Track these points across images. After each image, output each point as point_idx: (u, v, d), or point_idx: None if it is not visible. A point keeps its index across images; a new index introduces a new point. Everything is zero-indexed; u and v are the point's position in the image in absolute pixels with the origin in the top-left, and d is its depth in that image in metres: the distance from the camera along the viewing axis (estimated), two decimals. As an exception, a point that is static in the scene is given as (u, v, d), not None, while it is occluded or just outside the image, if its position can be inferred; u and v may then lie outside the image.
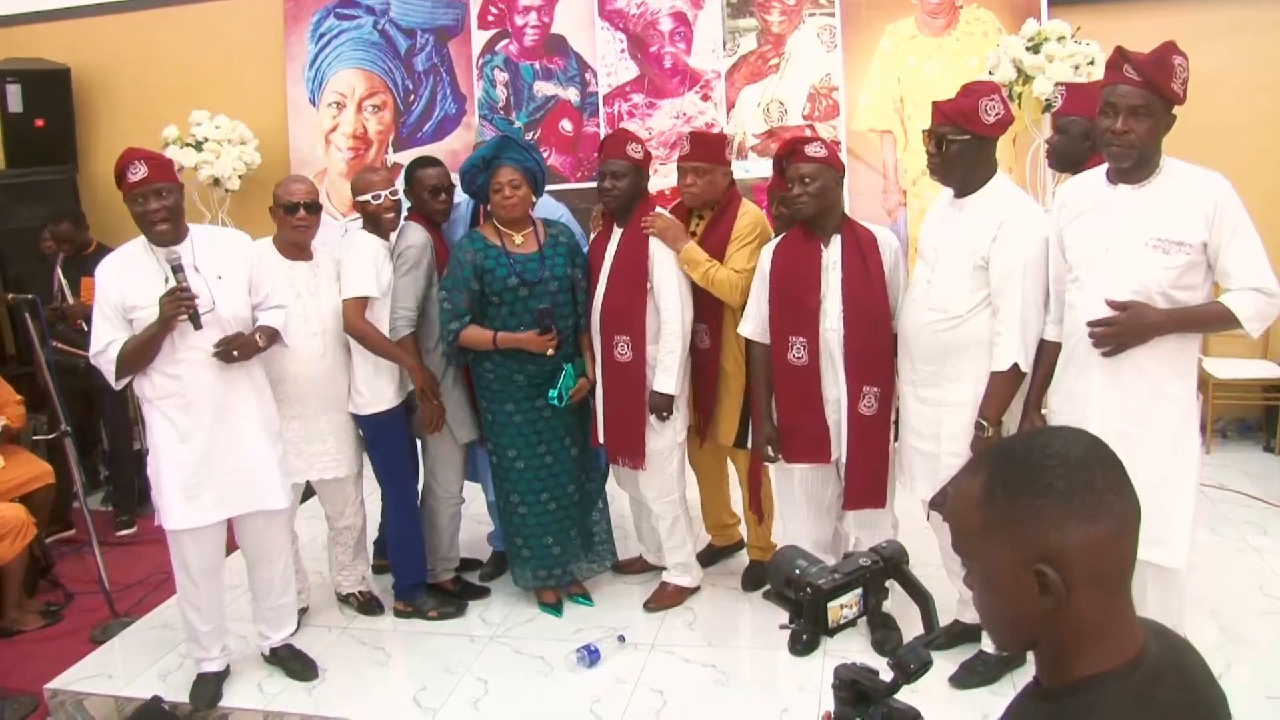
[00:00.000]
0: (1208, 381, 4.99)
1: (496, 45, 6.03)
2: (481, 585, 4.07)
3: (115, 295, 3.08)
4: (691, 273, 3.51)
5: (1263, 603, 3.59)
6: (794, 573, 1.46)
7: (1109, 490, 1.05)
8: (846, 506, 3.35)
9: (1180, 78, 2.51)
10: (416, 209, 3.78)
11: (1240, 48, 5.08)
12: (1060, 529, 1.03)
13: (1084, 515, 1.03)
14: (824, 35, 5.53)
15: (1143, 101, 2.52)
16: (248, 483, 3.23)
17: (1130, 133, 2.54)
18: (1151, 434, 2.62)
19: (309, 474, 3.64)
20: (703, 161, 3.55)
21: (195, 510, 3.18)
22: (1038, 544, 1.04)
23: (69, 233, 5.14)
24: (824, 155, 3.23)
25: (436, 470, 3.84)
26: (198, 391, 3.13)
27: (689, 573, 3.83)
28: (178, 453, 3.16)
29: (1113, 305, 2.59)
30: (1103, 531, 1.04)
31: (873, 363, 3.22)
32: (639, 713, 3.16)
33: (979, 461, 1.13)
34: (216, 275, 3.16)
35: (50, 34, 6.69)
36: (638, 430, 3.58)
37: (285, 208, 3.51)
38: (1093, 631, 1.06)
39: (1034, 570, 1.04)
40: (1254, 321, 2.56)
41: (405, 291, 3.61)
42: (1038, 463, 1.06)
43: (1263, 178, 4.86)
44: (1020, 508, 1.05)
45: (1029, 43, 4.85)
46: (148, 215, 3.06)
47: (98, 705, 3.47)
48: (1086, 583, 1.04)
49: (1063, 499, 1.03)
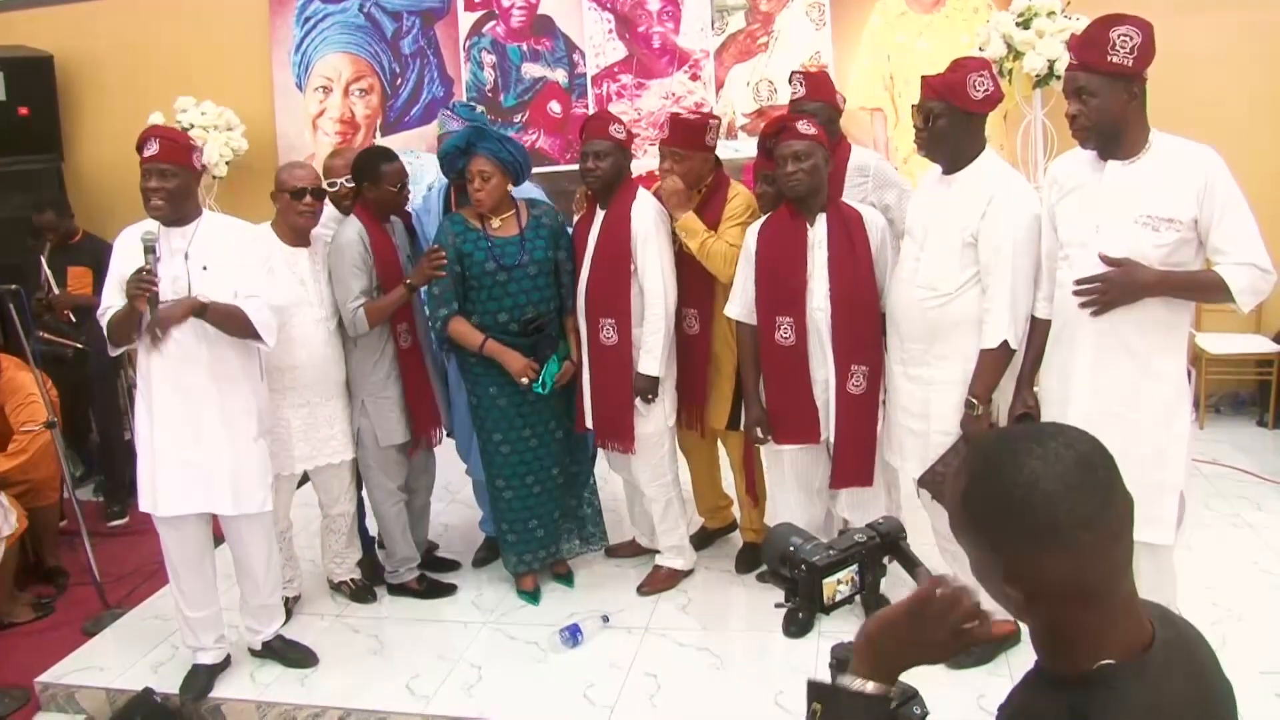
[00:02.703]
0: (1201, 356, 4.98)
1: (483, 27, 5.98)
2: (448, 583, 4.01)
3: (120, 263, 3.09)
4: (689, 241, 3.48)
5: (1257, 578, 3.59)
6: (789, 550, 1.42)
7: (1076, 527, 1.02)
8: (834, 485, 3.34)
9: (1123, 49, 2.45)
10: (372, 199, 3.65)
11: (1232, 21, 5.06)
12: (1022, 559, 1.04)
13: (1045, 551, 1.02)
14: (813, 13, 5.49)
15: (1083, 82, 2.51)
16: (203, 481, 3.18)
17: (1079, 115, 2.54)
18: (1142, 412, 2.60)
19: (317, 459, 3.64)
20: (680, 147, 3.52)
21: (161, 498, 3.17)
22: (1002, 564, 1.05)
23: (53, 222, 5.10)
24: (814, 133, 3.20)
25: (368, 474, 3.83)
26: (160, 381, 3.12)
27: (682, 555, 3.82)
28: (148, 437, 3.17)
29: (1106, 261, 2.57)
30: (1068, 564, 1.02)
31: (860, 341, 3.21)
32: (633, 697, 3.15)
33: (964, 461, 1.13)
34: (202, 265, 3.11)
35: (33, 21, 6.63)
36: (626, 414, 3.56)
37: (292, 193, 3.47)
38: (1083, 631, 1.05)
39: (999, 585, 1.06)
40: (1246, 294, 2.52)
41: (357, 286, 3.55)
42: (1006, 489, 1.04)
43: (1256, 151, 4.85)
44: (986, 530, 1.06)
45: (1019, 18, 4.82)
46: (146, 192, 3.05)
47: (89, 697, 3.45)
48: (1064, 599, 1.04)
49: (1025, 535, 1.03)
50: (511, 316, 3.54)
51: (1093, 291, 2.59)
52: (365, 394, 3.69)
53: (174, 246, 3.09)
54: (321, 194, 3.56)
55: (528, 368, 3.50)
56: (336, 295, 3.58)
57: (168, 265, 3.06)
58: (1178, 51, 2.57)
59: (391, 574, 3.95)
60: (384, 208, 3.68)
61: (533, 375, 3.51)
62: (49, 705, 3.47)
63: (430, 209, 3.95)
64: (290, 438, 3.55)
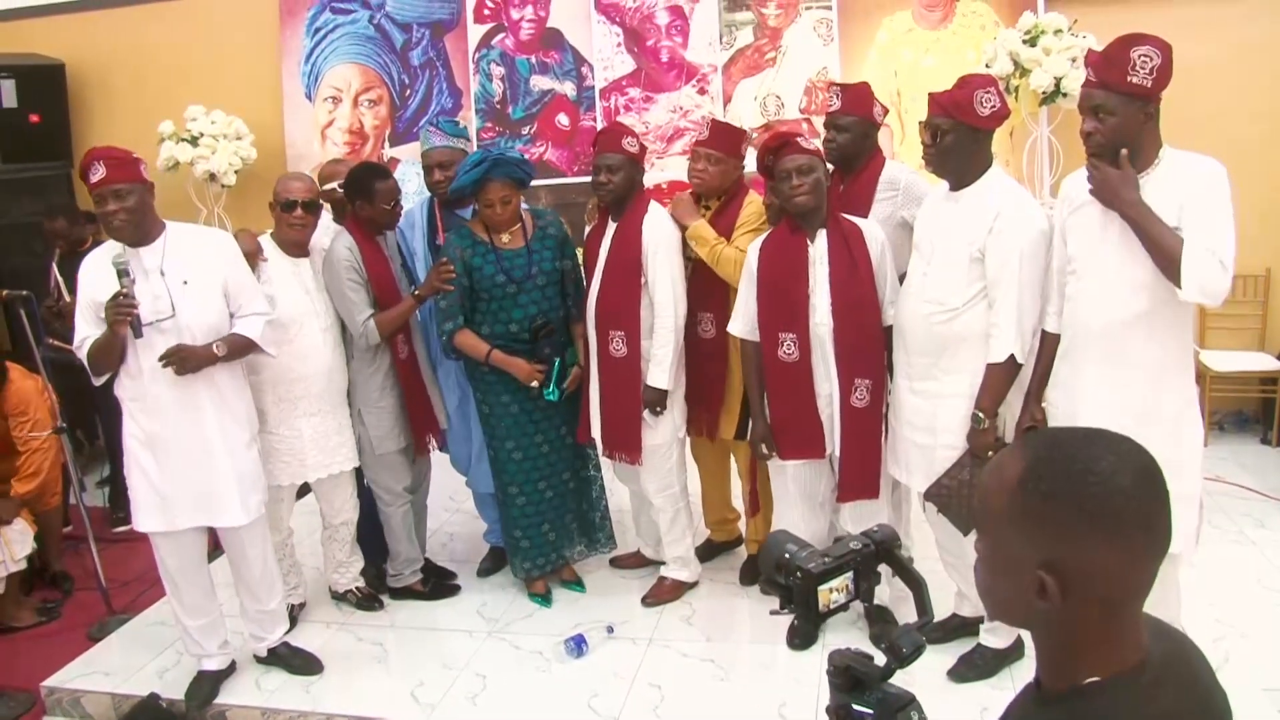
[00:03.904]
0: (1205, 374, 4.99)
1: (492, 39, 6.01)
2: (451, 584, 4.06)
3: (90, 292, 3.03)
4: (699, 249, 3.51)
5: (1260, 595, 3.59)
6: (784, 557, 1.44)
7: (1137, 526, 1.03)
8: (841, 498, 3.34)
9: (1142, 70, 2.45)
10: (365, 216, 3.66)
11: (1237, 38, 5.08)
12: (1075, 545, 1.02)
13: (1103, 540, 1.02)
14: (820, 28, 5.52)
15: (1101, 100, 2.51)
16: (205, 496, 3.18)
17: (1095, 133, 2.54)
18: (1152, 425, 2.59)
19: (330, 468, 3.65)
20: (719, 150, 3.55)
21: (160, 515, 3.16)
22: (1049, 549, 1.03)
23: (64, 229, 5.12)
24: (815, 148, 3.26)
25: (375, 476, 3.86)
26: (155, 400, 3.09)
27: (688, 567, 3.83)
28: (142, 457, 3.15)
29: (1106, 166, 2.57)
30: (1116, 560, 1.03)
31: (863, 355, 3.22)
32: (637, 707, 3.16)
33: (1027, 443, 1.10)
34: (182, 280, 3.07)
35: (45, 29, 6.67)
36: (634, 425, 3.57)
37: (283, 205, 3.48)
38: (1093, 640, 1.05)
39: (1036, 573, 1.04)
40: (1193, 279, 2.45)
41: (360, 299, 3.58)
42: (1080, 475, 1.03)
43: (1259, 168, 4.87)
44: (1046, 509, 1.04)
45: (1026, 36, 4.85)
46: (105, 217, 3.01)
47: (94, 702, 3.46)
48: (1089, 600, 1.03)
49: (1088, 520, 1.02)
50: (522, 327, 3.58)
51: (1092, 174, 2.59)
52: (362, 403, 3.72)
53: (147, 265, 3.04)
54: (312, 207, 3.54)
55: (534, 372, 3.54)
56: (339, 310, 3.61)
57: (145, 285, 3.01)
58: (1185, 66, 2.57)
59: (394, 576, 3.96)
60: (376, 224, 3.70)
61: (539, 378, 3.54)
62: (54, 710, 3.48)
63: (414, 223, 3.95)
64: (304, 447, 3.56)
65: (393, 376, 3.75)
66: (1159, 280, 2.54)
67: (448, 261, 3.51)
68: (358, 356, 3.68)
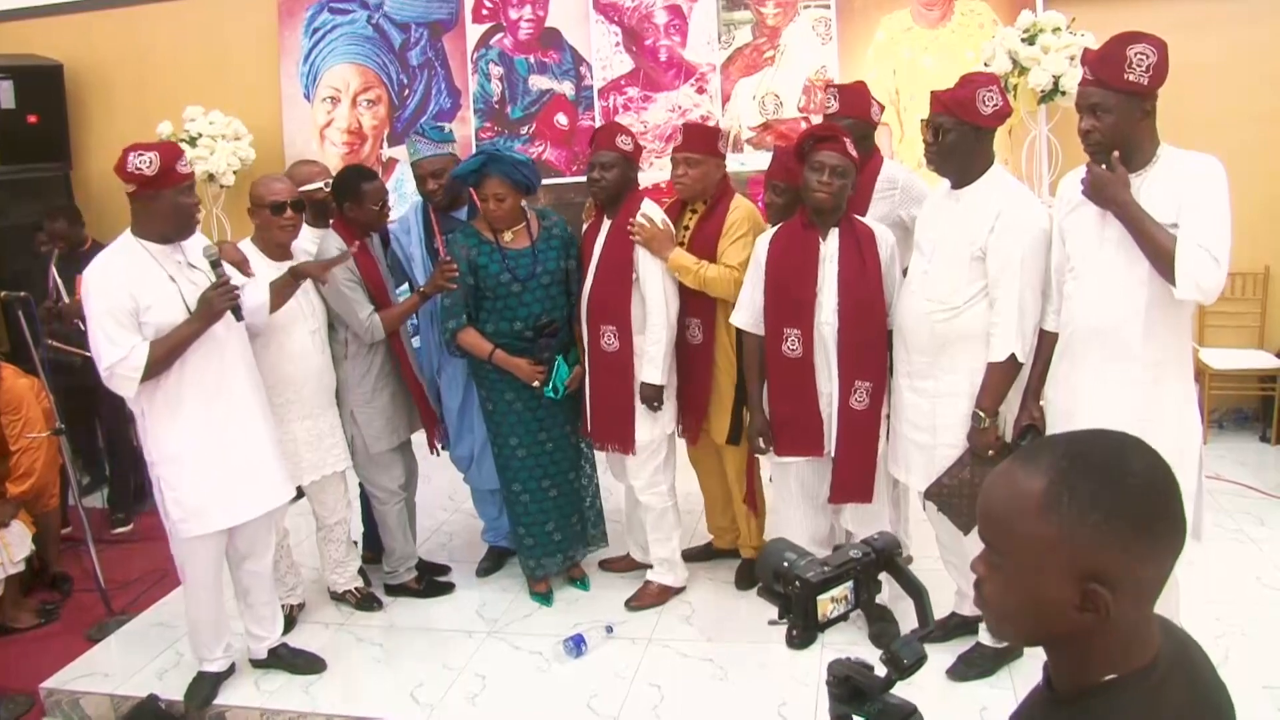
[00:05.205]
0: (1204, 372, 4.98)
1: (491, 39, 6.01)
2: (446, 581, 4.08)
3: (126, 299, 2.91)
4: (683, 279, 3.51)
5: (1260, 593, 3.59)
6: (782, 566, 1.40)
7: (1173, 522, 1.02)
8: (833, 500, 3.34)
9: (1139, 67, 2.46)
10: (353, 217, 3.68)
11: (1236, 38, 5.07)
12: (1123, 550, 0.99)
13: (1148, 542, 1.00)
14: (819, 27, 5.51)
15: (1098, 99, 2.52)
16: (263, 479, 3.22)
17: (1093, 131, 2.55)
18: (1151, 422, 2.59)
19: (324, 469, 3.66)
20: (695, 152, 3.53)
21: (223, 513, 3.14)
22: (1092, 560, 1.00)
23: (64, 230, 5.11)
24: (854, 155, 3.19)
25: (369, 476, 3.88)
26: (199, 392, 3.07)
27: (673, 572, 3.82)
28: (199, 458, 3.08)
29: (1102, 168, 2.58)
30: (1156, 559, 1.02)
31: (865, 357, 3.21)
32: (637, 707, 3.16)
33: (1042, 457, 1.05)
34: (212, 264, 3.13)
35: (43, 30, 6.65)
36: (626, 419, 3.58)
37: (272, 208, 3.42)
38: (1119, 641, 1.04)
39: (1085, 588, 1.00)
40: (1186, 275, 2.45)
41: (360, 296, 3.61)
42: (1118, 480, 1.01)
43: (1258, 167, 4.87)
44: (1088, 523, 1.00)
45: (1024, 34, 4.84)
46: (190, 208, 3.05)
47: (94, 704, 3.46)
48: (1125, 601, 1.01)
49: (1134, 523, 0.99)
50: (526, 325, 3.59)
51: (1089, 174, 2.60)
52: (353, 403, 3.73)
53: (191, 258, 3.12)
54: (301, 206, 3.52)
55: (535, 371, 3.55)
56: (339, 310, 3.62)
57: (190, 275, 3.08)
58: (1183, 65, 2.57)
59: (390, 574, 3.97)
60: (365, 226, 3.71)
61: (541, 377, 3.55)
62: (54, 711, 3.48)
63: (409, 228, 3.95)
64: (298, 449, 3.56)
65: (385, 376, 3.77)
66: (1156, 279, 2.55)
67: (451, 260, 3.52)
68: (350, 357, 3.69)
